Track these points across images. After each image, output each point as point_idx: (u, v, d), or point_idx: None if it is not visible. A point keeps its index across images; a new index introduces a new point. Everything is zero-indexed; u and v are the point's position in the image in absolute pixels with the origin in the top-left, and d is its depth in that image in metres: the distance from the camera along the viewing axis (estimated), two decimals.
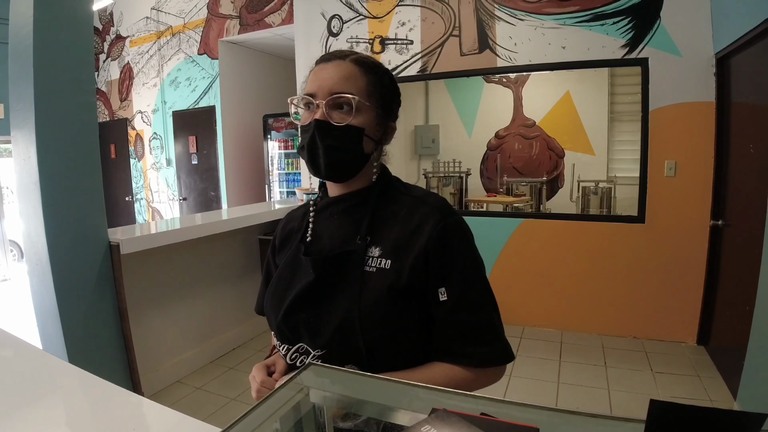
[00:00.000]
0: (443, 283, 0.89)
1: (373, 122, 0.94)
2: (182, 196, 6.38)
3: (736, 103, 3.10)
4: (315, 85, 0.92)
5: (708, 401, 2.79)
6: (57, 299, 2.50)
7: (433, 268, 0.89)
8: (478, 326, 0.90)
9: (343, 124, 0.90)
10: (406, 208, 0.94)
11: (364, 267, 0.90)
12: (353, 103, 0.90)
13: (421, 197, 0.96)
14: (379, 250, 0.91)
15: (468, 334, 0.89)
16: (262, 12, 5.27)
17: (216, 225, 3.43)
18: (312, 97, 0.92)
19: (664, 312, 3.60)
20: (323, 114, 0.90)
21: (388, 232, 0.93)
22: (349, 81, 0.91)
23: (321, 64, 0.95)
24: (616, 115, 5.17)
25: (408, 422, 0.65)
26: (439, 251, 0.89)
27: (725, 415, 0.47)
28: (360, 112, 0.91)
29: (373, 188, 0.97)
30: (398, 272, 0.88)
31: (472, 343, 0.89)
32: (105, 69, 6.91)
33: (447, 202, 0.97)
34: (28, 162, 2.47)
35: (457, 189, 5.27)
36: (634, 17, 3.51)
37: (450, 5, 4.16)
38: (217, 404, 2.92)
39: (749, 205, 2.78)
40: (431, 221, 0.91)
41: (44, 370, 1.16)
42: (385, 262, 0.90)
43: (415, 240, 0.90)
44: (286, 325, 0.94)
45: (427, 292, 0.90)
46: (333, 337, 0.88)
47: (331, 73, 0.92)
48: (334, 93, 0.90)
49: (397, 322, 0.89)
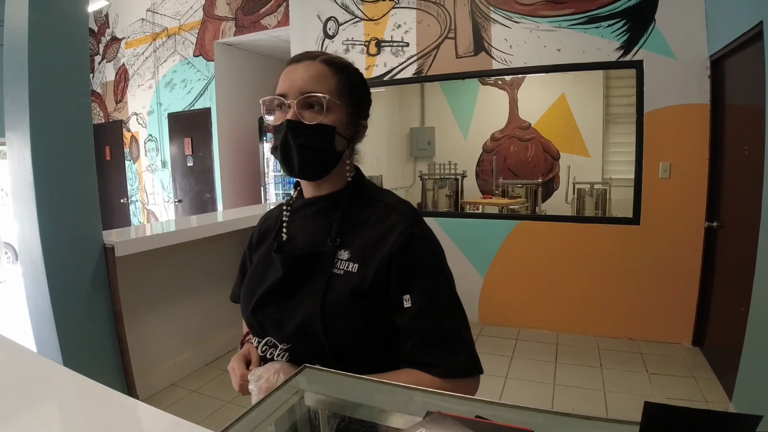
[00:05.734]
0: (407, 290, 0.89)
1: (344, 121, 0.96)
2: (177, 198, 6.36)
3: (730, 105, 3.12)
4: (286, 86, 0.94)
5: (703, 402, 2.80)
6: (51, 302, 2.48)
7: (396, 274, 0.89)
8: (443, 335, 0.89)
9: (315, 122, 0.92)
10: (377, 215, 0.96)
11: (333, 269, 0.92)
12: (324, 102, 0.91)
13: (393, 205, 0.97)
14: (348, 254, 0.92)
15: (433, 343, 0.88)
16: (257, 14, 5.27)
17: (211, 227, 3.42)
18: (283, 98, 0.94)
19: (659, 313, 3.61)
20: (295, 114, 0.92)
21: (358, 236, 0.94)
22: (319, 80, 0.93)
23: (291, 65, 0.97)
24: (611, 117, 5.19)
25: (403, 425, 0.65)
26: (403, 258, 0.89)
27: (720, 416, 0.47)
28: (331, 110, 0.93)
29: (346, 191, 0.99)
30: (363, 276, 0.89)
31: (437, 354, 0.87)
32: (100, 71, 6.89)
33: (417, 211, 0.98)
34: (23, 164, 2.45)
35: (452, 191, 5.27)
36: (629, 20, 3.53)
37: (445, 8, 4.17)
38: (212, 407, 2.91)
39: (744, 206, 2.80)
40: (399, 228, 0.91)
41: (38, 373, 1.16)
42: (353, 265, 0.91)
43: (382, 246, 0.91)
44: (254, 318, 0.98)
45: (391, 298, 0.90)
46: (295, 333, 0.90)
47: (302, 73, 0.93)
48: (304, 93, 0.92)
49: (363, 325, 0.90)
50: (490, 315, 4.20)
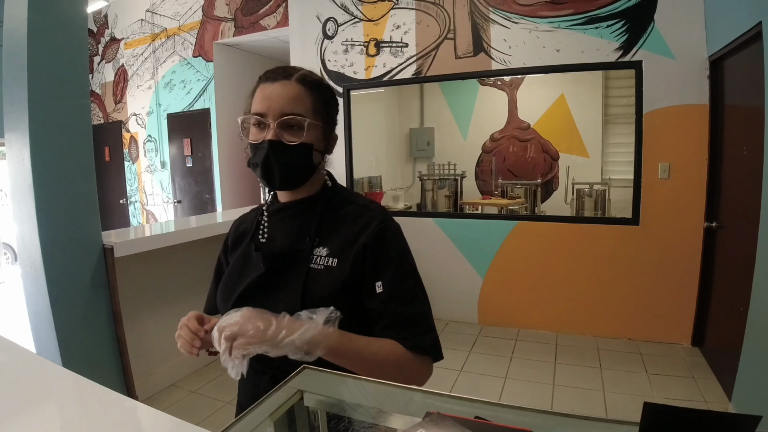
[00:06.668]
0: (379, 276, 0.97)
1: (320, 137, 1.03)
2: (177, 199, 6.36)
3: (729, 106, 3.12)
4: (264, 105, 0.98)
5: (703, 402, 2.80)
6: (51, 303, 2.48)
7: (370, 262, 0.97)
8: (413, 317, 0.96)
9: (296, 143, 0.98)
10: (353, 214, 1.04)
11: (311, 264, 0.98)
12: (304, 125, 0.98)
13: (366, 204, 1.07)
14: (326, 250, 0.99)
15: (403, 324, 0.95)
16: (257, 14, 5.27)
17: (211, 228, 3.42)
18: (262, 117, 0.98)
19: (658, 313, 3.62)
20: (275, 134, 0.97)
21: (336, 235, 1.01)
22: (297, 102, 0.98)
23: (266, 83, 1.01)
24: (610, 117, 5.19)
25: (402, 426, 0.65)
26: (377, 247, 0.98)
27: (719, 417, 0.47)
28: (309, 130, 0.99)
29: (321, 195, 1.07)
30: (342, 268, 0.97)
31: (406, 333, 0.95)
32: (99, 71, 6.89)
33: (387, 210, 1.08)
34: (22, 165, 2.45)
35: (452, 191, 5.27)
36: (628, 20, 3.53)
37: (445, 8, 4.17)
38: (212, 408, 2.91)
39: (743, 206, 2.80)
40: (373, 223, 1.00)
41: (38, 374, 1.15)
42: (333, 260, 0.98)
43: (358, 239, 0.99)
44: None
45: (364, 284, 0.97)
46: None
47: (279, 93, 0.98)
48: (285, 114, 0.97)
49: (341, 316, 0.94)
50: (490, 315, 4.20)
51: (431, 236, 4.31)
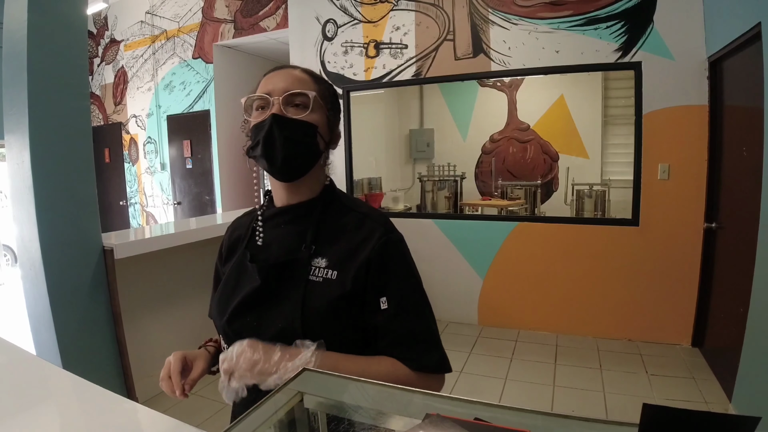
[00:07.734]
0: (384, 292, 0.93)
1: (325, 123, 1.00)
2: (176, 201, 6.36)
3: (728, 106, 3.12)
4: (269, 87, 0.96)
5: (703, 403, 2.80)
6: (50, 304, 2.48)
7: (374, 277, 0.93)
8: (418, 334, 0.94)
9: (300, 117, 0.95)
10: (353, 223, 0.99)
11: (309, 276, 0.94)
12: (311, 98, 0.95)
13: (367, 213, 1.01)
14: (325, 262, 0.95)
15: (409, 341, 0.93)
16: (256, 16, 5.27)
17: (210, 229, 3.42)
18: (267, 95, 0.95)
19: (658, 314, 3.62)
20: (279, 109, 0.94)
21: (335, 245, 0.97)
22: (302, 83, 0.98)
23: (271, 73, 1.00)
24: (609, 118, 5.20)
25: (402, 427, 0.65)
26: (381, 262, 0.94)
27: (718, 418, 0.47)
28: (314, 110, 0.96)
29: (319, 200, 1.02)
30: (343, 282, 0.92)
31: (412, 350, 0.93)
32: (99, 73, 6.89)
33: (389, 219, 1.02)
34: (22, 166, 2.45)
35: (451, 192, 5.28)
36: (628, 21, 3.54)
37: (444, 10, 4.17)
38: (211, 410, 2.90)
39: (743, 207, 2.80)
40: (375, 235, 0.95)
41: (38, 375, 1.15)
42: (332, 273, 0.93)
43: (360, 252, 0.94)
44: (230, 327, 0.99)
45: (366, 301, 0.93)
46: (274, 341, 0.90)
47: (285, 77, 0.98)
48: (289, 91, 0.95)
49: (340, 331, 0.93)
50: (490, 316, 4.20)
51: (431, 237, 4.31)
